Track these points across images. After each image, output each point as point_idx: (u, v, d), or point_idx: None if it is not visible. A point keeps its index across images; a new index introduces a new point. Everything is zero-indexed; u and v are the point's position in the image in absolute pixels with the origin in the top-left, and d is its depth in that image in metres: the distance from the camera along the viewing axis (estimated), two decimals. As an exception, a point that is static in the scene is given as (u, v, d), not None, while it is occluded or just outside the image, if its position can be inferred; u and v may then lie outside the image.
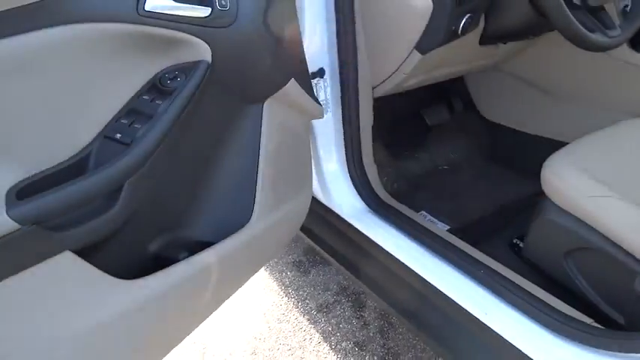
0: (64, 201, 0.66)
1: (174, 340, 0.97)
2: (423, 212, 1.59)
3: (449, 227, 1.52)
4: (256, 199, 0.98)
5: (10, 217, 0.59)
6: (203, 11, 0.77)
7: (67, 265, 0.68)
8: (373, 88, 1.39)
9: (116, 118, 0.76)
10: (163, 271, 0.83)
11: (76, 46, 0.69)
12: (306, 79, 1.06)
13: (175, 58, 0.79)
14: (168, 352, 0.97)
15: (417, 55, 1.25)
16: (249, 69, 0.89)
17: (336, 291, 1.71)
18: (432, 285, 1.15)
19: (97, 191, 0.70)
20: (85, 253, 0.71)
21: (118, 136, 0.74)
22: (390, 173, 1.72)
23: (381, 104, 1.44)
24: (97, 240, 0.74)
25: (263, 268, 1.87)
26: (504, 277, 1.10)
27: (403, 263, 1.23)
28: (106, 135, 0.74)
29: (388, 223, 1.35)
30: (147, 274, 0.81)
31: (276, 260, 1.90)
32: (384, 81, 1.36)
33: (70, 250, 0.68)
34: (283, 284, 1.78)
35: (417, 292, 1.24)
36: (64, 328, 0.72)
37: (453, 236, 1.29)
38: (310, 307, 1.66)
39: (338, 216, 1.41)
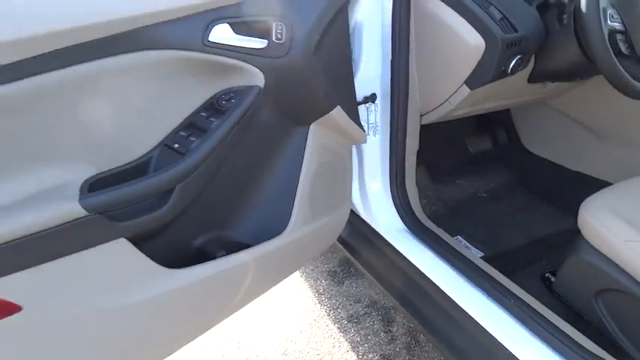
0: (125, 196, 0.78)
1: (203, 326, 1.07)
2: (459, 237, 1.64)
3: (483, 254, 1.57)
4: (294, 210, 1.09)
5: (81, 206, 0.72)
6: (260, 43, 0.89)
7: (121, 250, 0.81)
8: (421, 115, 1.46)
9: (176, 130, 0.89)
10: (202, 264, 0.94)
11: (150, 68, 0.82)
12: (352, 107, 1.16)
13: (232, 82, 0.91)
14: (197, 336, 1.07)
15: (465, 90, 1.32)
16: (298, 95, 1.00)
17: (367, 304, 1.79)
18: (462, 308, 1.21)
19: (152, 191, 0.82)
20: (137, 241, 0.83)
21: (176, 145, 0.87)
22: (430, 196, 1.78)
23: (427, 130, 1.51)
24: (147, 232, 0.86)
25: (299, 275, 1.96)
26: (533, 309, 1.15)
27: (435, 284, 1.29)
28: (165, 144, 0.88)
29: (424, 244, 1.42)
30: (188, 266, 0.93)
31: (311, 268, 1.99)
32: (431, 110, 1.43)
33: (124, 237, 0.81)
34: (317, 291, 1.86)
35: (447, 314, 1.29)
36: (112, 301, 0.83)
37: (487, 264, 1.33)
38: (341, 317, 1.74)
39: (376, 232, 1.49)
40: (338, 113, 1.08)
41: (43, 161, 0.73)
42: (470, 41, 1.23)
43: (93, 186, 0.78)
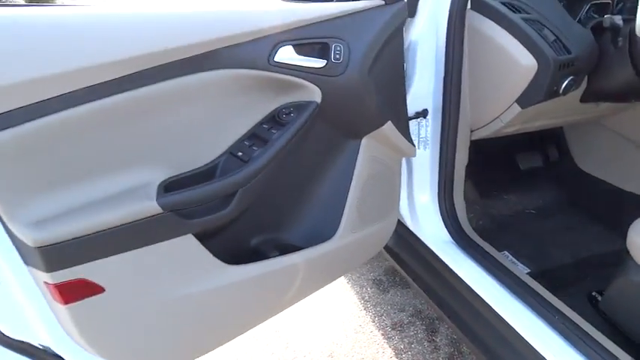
0: (195, 198, 0.89)
1: (255, 320, 1.16)
2: (506, 252, 1.66)
3: (529, 270, 1.59)
4: (343, 217, 1.17)
5: (158, 205, 0.83)
6: (320, 63, 0.99)
7: (188, 245, 0.91)
8: (472, 130, 1.50)
9: (241, 140, 1.00)
10: (258, 262, 1.04)
11: (222, 85, 0.92)
12: (403, 122, 1.22)
13: (292, 98, 1.01)
14: (249, 329, 1.16)
15: (516, 108, 1.35)
16: (352, 111, 1.08)
17: (412, 313, 1.83)
18: (507, 322, 1.24)
19: (218, 194, 0.93)
20: (201, 238, 0.93)
21: (240, 154, 0.98)
22: (477, 211, 1.81)
23: (477, 145, 1.55)
24: (211, 230, 0.97)
25: (345, 281, 2.02)
26: (578, 327, 1.16)
27: (481, 297, 1.32)
28: (231, 152, 0.99)
29: (470, 257, 1.45)
30: (244, 263, 1.02)
31: (357, 275, 2.05)
32: (482, 126, 1.47)
33: (192, 233, 0.91)
34: (362, 298, 1.92)
35: (492, 327, 1.32)
36: (177, 290, 0.93)
37: (533, 280, 1.35)
38: (385, 324, 1.79)
39: (423, 243, 1.53)
40: (389, 128, 1.15)
41: (131, 164, 0.84)
42: (522, 62, 1.27)
43: (168, 187, 0.88)
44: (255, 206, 1.02)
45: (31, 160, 0.71)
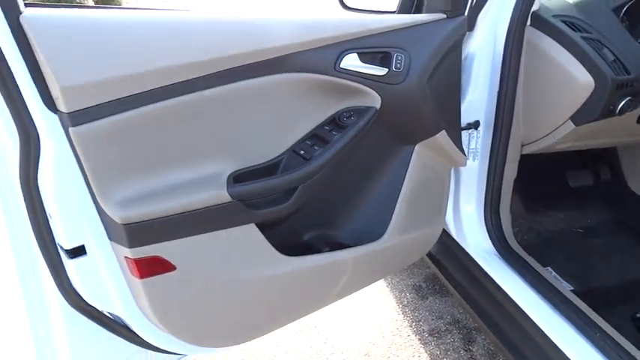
0: (261, 189, 0.97)
1: (302, 310, 1.22)
2: (549, 268, 1.66)
3: (573, 288, 1.58)
4: (392, 219, 1.21)
5: (228, 194, 0.91)
6: (381, 71, 1.05)
7: (250, 233, 0.98)
8: (523, 145, 1.52)
9: (303, 139, 1.07)
10: (311, 255, 1.11)
11: (290, 87, 0.99)
12: (456, 132, 1.26)
13: (353, 102, 1.08)
14: (296, 318, 1.22)
15: (570, 125, 1.36)
16: (408, 118, 1.13)
17: (449, 321, 1.85)
18: (548, 337, 1.25)
19: (281, 188, 1.00)
20: (262, 227, 1.00)
21: (302, 152, 1.05)
22: (522, 225, 1.81)
23: (527, 159, 1.56)
24: (271, 221, 1.04)
25: (385, 284, 2.06)
26: (620, 346, 1.17)
27: (523, 310, 1.34)
28: (294, 150, 1.06)
29: (513, 270, 1.46)
30: (296, 255, 1.08)
31: (397, 280, 2.08)
32: (534, 141, 1.49)
33: (254, 223, 0.98)
34: (401, 303, 1.96)
35: (532, 340, 1.33)
36: (238, 274, 1.00)
37: (577, 297, 1.36)
38: (423, 329, 1.82)
39: (466, 253, 1.56)
40: (443, 137, 1.19)
41: (206, 155, 0.92)
42: (579, 79, 1.29)
43: (237, 178, 0.96)
44: (312, 203, 1.09)
45: (126, 146, 0.80)
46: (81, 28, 0.76)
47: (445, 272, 1.68)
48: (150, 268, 0.86)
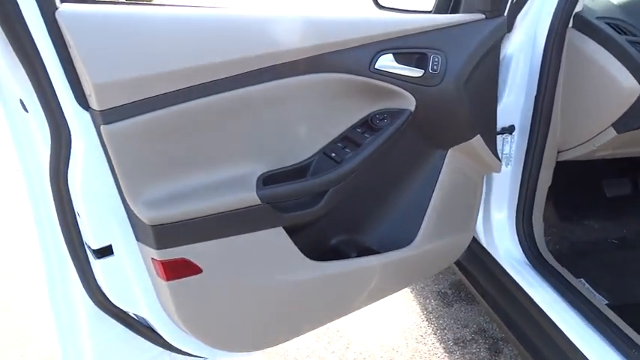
0: (290, 192, 0.94)
1: (328, 316, 1.19)
2: (583, 280, 1.60)
3: (607, 302, 1.52)
4: (422, 225, 1.18)
5: (258, 196, 0.88)
6: (417, 72, 1.01)
7: (278, 237, 0.96)
8: (559, 151, 1.46)
9: (335, 141, 1.04)
10: (339, 261, 1.08)
11: (322, 88, 0.96)
12: (492, 137, 1.22)
13: (386, 104, 1.04)
14: (322, 324, 1.19)
15: (611, 132, 1.30)
16: (443, 121, 1.10)
17: (475, 330, 1.80)
18: (581, 352, 1.20)
19: (311, 191, 0.97)
20: (290, 230, 0.98)
21: (333, 154, 1.02)
22: (555, 234, 1.75)
23: (562, 166, 1.51)
24: (300, 225, 1.01)
25: (409, 290, 2.02)
26: (659, 365, 1.11)
27: (554, 323, 1.29)
28: (324, 152, 1.03)
29: (545, 281, 1.41)
30: (323, 259, 1.06)
31: (422, 286, 2.04)
32: (571, 148, 1.43)
33: (282, 226, 0.95)
34: (426, 309, 1.91)
35: (563, 354, 1.28)
36: (265, 279, 0.98)
37: (611, 311, 1.30)
38: (447, 338, 1.77)
39: (495, 261, 1.51)
40: (478, 142, 1.15)
41: (236, 156, 0.90)
42: (624, 85, 1.23)
43: (266, 180, 0.94)
44: (341, 206, 1.06)
45: (156, 146, 0.79)
46: (115, 25, 0.75)
47: (472, 280, 1.63)
48: (176, 270, 0.85)
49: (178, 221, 0.81)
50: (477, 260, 1.57)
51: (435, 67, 1.01)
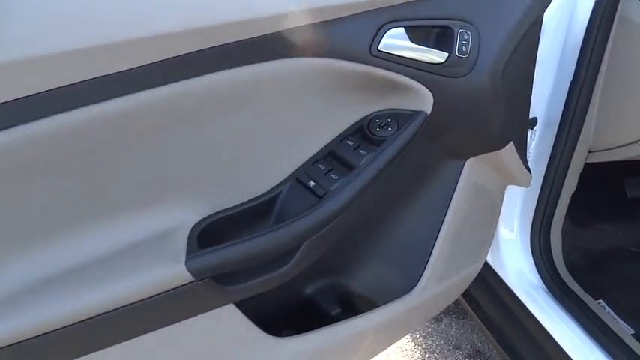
0: (242, 255, 0.59)
1: None
2: (601, 301, 1.34)
3: (634, 331, 1.27)
4: (430, 262, 0.86)
5: (188, 269, 0.54)
6: (439, 56, 0.67)
7: (227, 318, 0.64)
8: (590, 152, 1.17)
9: (314, 160, 0.69)
10: (313, 332, 0.76)
11: (298, 79, 0.62)
12: (523, 143, 0.92)
13: (390, 103, 0.70)
14: None
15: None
16: (468, 126, 0.77)
17: (469, 353, 1.53)
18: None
19: (276, 248, 0.63)
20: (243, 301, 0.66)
21: (311, 184, 0.67)
22: (566, 241, 1.48)
23: None
24: (261, 292, 0.67)
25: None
26: None
27: None
28: (298, 178, 0.68)
29: (563, 309, 1.16)
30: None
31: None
32: (609, 149, 1.14)
33: (233, 302, 0.63)
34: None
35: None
36: None
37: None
38: (437, 363, 1.50)
39: (503, 284, 1.23)
40: (509, 151, 0.83)
41: (144, 203, 0.55)
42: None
43: (205, 232, 0.59)
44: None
45: None
46: None
47: (472, 302, 1.35)
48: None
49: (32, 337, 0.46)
50: (481, 282, 1.29)
51: (463, 49, 0.68)
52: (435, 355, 1.53)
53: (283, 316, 0.78)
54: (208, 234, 0.59)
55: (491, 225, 1.01)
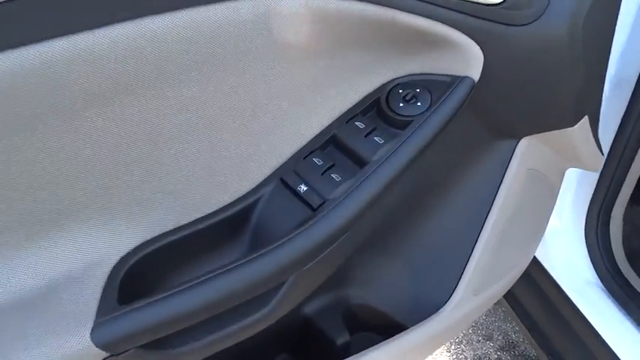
0: (191, 308, 0.40)
1: None
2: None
3: None
4: (467, 270, 0.66)
5: (95, 343, 0.37)
6: None
7: None
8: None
9: (308, 150, 0.49)
10: None
11: (279, 27, 0.42)
12: (597, 117, 0.69)
13: (420, 65, 0.50)
14: None
15: None
16: (530, 95, 0.56)
17: (501, 345, 1.36)
18: None
19: (246, 291, 0.44)
20: None
21: (302, 188, 0.48)
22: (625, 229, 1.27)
23: None
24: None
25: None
26: None
27: None
28: (283, 179, 0.48)
29: (624, 311, 0.97)
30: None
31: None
32: None
33: None
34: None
35: None
36: None
37: None
38: (465, 357, 1.33)
39: (552, 280, 1.04)
40: (581, 128, 0.62)
41: (49, 226, 0.36)
42: None
43: (138, 270, 0.40)
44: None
45: None
46: None
47: (509, 295, 1.16)
48: None
49: None
50: (527, 278, 1.09)
51: None
52: (463, 347, 1.36)
53: (278, 337, 0.62)
54: (143, 273, 0.40)
55: (543, 220, 0.81)
